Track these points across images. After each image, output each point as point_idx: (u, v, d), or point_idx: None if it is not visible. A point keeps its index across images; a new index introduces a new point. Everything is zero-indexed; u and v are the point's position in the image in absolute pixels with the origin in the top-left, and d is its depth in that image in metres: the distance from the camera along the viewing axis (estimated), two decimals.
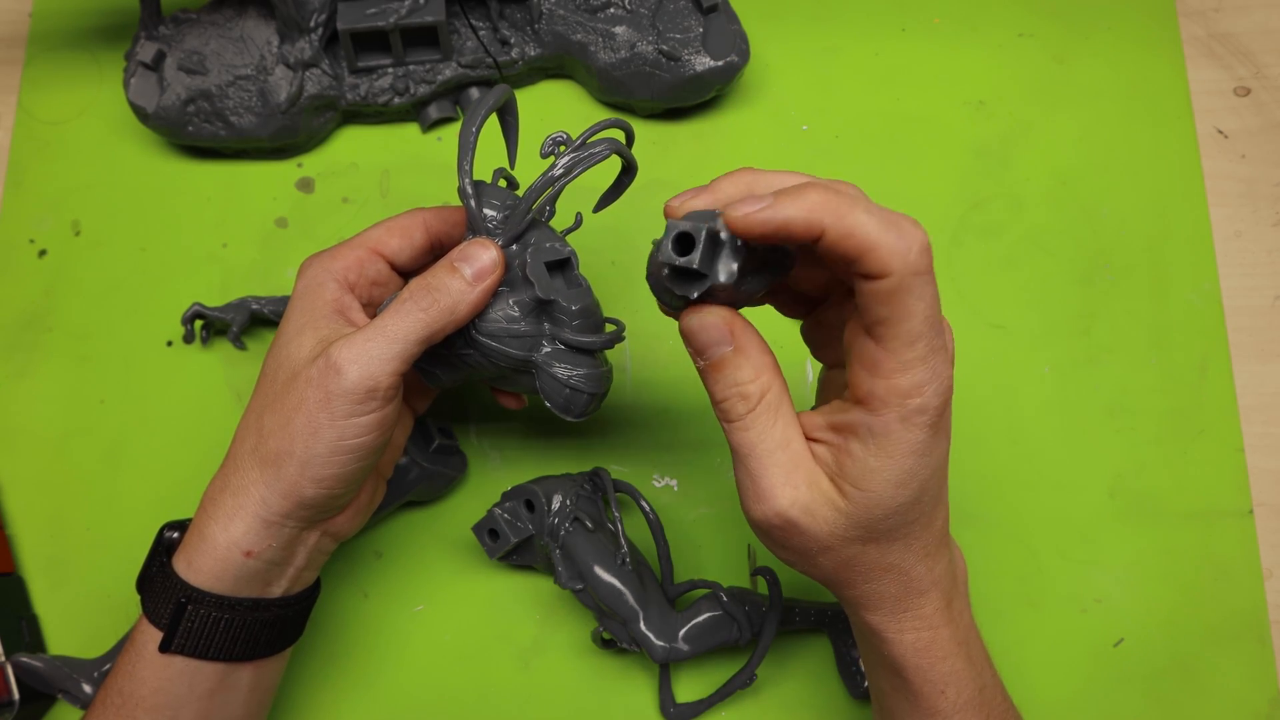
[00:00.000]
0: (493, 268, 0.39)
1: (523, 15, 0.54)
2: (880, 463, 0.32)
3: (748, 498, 0.34)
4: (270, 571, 0.39)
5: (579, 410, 0.42)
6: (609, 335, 0.42)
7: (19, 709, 0.46)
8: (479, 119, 0.40)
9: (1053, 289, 0.54)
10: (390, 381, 0.37)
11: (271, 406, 0.38)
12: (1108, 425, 0.52)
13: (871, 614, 0.36)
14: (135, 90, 0.53)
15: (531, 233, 0.41)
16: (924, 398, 0.31)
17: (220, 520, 0.38)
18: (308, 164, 0.56)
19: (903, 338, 0.30)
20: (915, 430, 0.32)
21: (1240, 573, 0.50)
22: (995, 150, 0.56)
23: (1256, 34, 0.58)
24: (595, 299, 0.42)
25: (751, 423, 0.34)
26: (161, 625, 0.38)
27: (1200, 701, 0.49)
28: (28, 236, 0.55)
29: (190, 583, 0.38)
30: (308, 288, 0.40)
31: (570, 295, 0.41)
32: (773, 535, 0.35)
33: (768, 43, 0.58)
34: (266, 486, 0.38)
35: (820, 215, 0.29)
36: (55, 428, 0.52)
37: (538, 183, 0.39)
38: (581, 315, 0.41)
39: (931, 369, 0.31)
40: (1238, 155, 0.56)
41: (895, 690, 0.37)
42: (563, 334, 0.41)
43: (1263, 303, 0.54)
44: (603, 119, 0.41)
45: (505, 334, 0.41)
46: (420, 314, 0.38)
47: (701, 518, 0.51)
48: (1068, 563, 0.51)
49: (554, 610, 0.50)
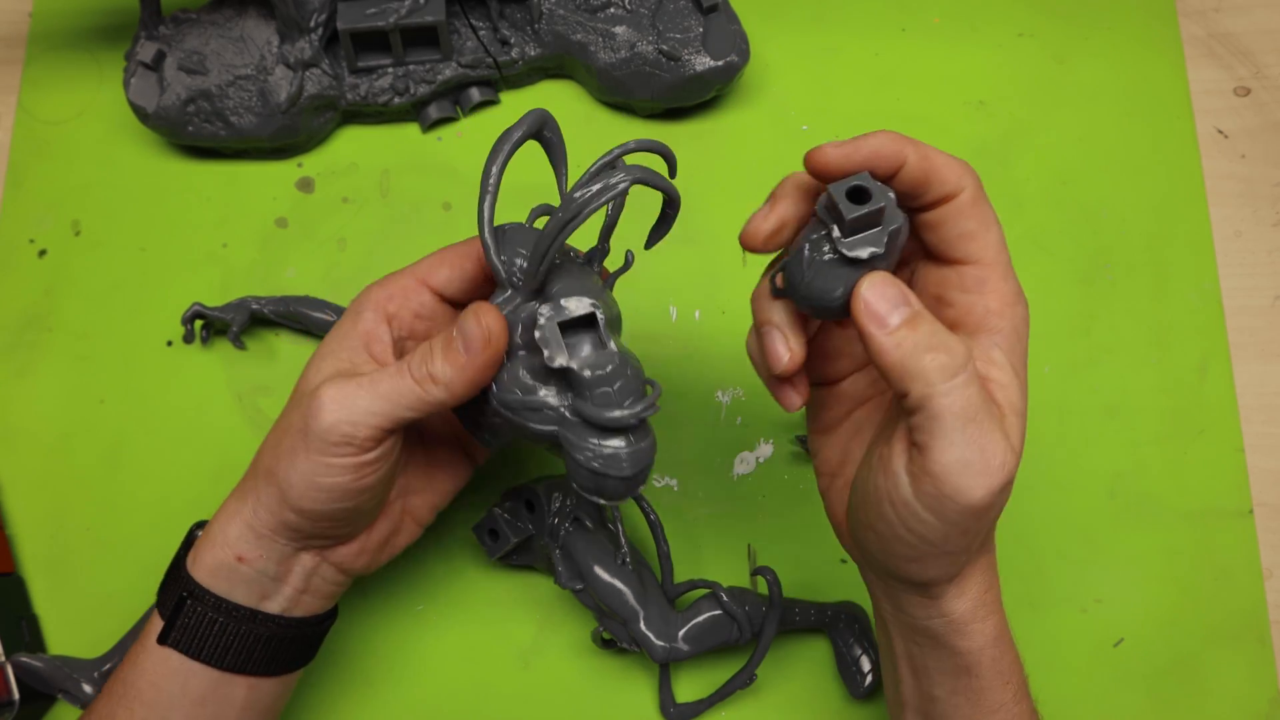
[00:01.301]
0: (484, 343, 0.35)
1: (523, 15, 0.54)
2: (1010, 378, 0.33)
3: (969, 474, 0.31)
4: (264, 583, 0.39)
5: (612, 494, 0.36)
6: (634, 410, 0.34)
7: (19, 709, 0.46)
8: (503, 157, 0.35)
9: (1053, 289, 0.54)
10: (368, 434, 0.35)
11: (278, 422, 0.38)
12: (1108, 425, 0.52)
13: (961, 600, 0.35)
14: (135, 90, 0.53)
15: (558, 281, 0.36)
16: (1025, 304, 0.34)
17: (223, 519, 0.38)
18: (308, 164, 0.56)
19: (994, 245, 0.34)
20: (1025, 332, 0.34)
21: (1240, 573, 0.50)
22: (995, 150, 0.56)
23: (1256, 34, 0.58)
24: (628, 361, 0.35)
25: (970, 379, 0.31)
26: (165, 616, 0.38)
27: (1200, 701, 0.49)
28: (28, 236, 0.55)
29: (194, 577, 0.38)
30: (350, 313, 0.39)
31: (591, 360, 0.34)
32: (993, 512, 0.32)
33: (768, 43, 0.58)
34: (257, 498, 0.38)
35: (901, 144, 0.33)
36: (55, 428, 0.52)
37: (549, 227, 0.34)
38: (604, 383, 0.34)
39: (1016, 288, 0.34)
40: (1238, 155, 0.56)
41: (956, 693, 0.36)
42: (582, 407, 0.35)
43: (1263, 303, 0.54)
44: (631, 141, 0.36)
45: (521, 405, 0.36)
46: (412, 384, 0.36)
47: (701, 518, 0.51)
48: (1068, 563, 0.51)
49: (554, 610, 0.50)
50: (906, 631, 0.37)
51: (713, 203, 0.55)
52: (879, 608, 0.38)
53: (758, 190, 0.56)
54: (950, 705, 0.36)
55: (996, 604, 0.36)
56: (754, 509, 0.51)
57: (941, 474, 0.31)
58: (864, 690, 0.47)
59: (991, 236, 0.34)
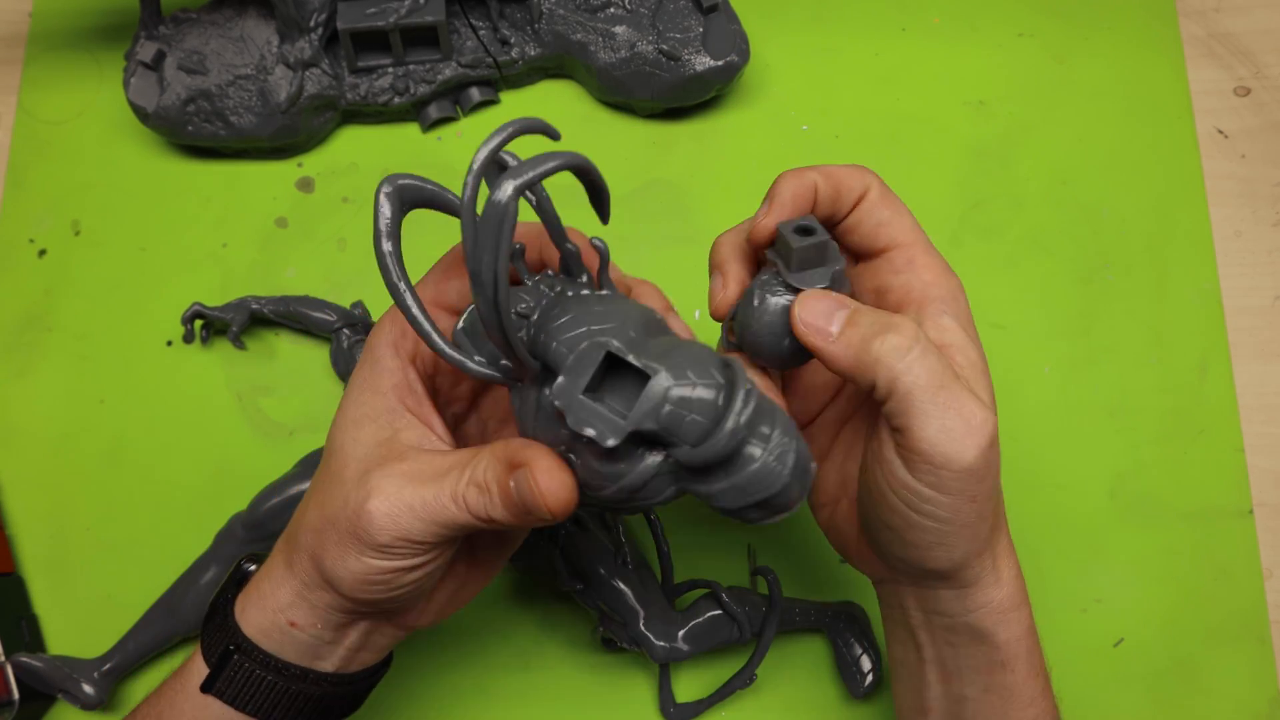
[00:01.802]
0: (548, 512, 0.30)
1: (523, 15, 0.54)
2: (964, 339, 0.34)
3: (954, 440, 0.31)
4: (319, 646, 0.35)
5: (790, 503, 0.29)
6: (739, 415, 0.27)
7: (19, 709, 0.46)
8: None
9: (1053, 289, 0.54)
10: (428, 541, 0.32)
11: (318, 495, 0.34)
12: (1108, 425, 0.52)
13: (999, 587, 0.35)
14: (135, 90, 0.53)
15: (551, 340, 0.29)
16: (955, 275, 0.36)
17: (272, 581, 0.35)
18: (308, 164, 0.56)
19: (910, 227, 0.36)
20: (965, 299, 0.36)
21: (1240, 573, 0.50)
22: (995, 150, 0.56)
23: (1256, 34, 0.58)
24: (684, 368, 0.28)
25: (925, 350, 0.31)
26: (210, 663, 0.35)
27: (1200, 701, 0.49)
28: (28, 236, 0.55)
29: (242, 629, 0.35)
30: (368, 360, 0.35)
31: (648, 404, 0.27)
32: (990, 471, 0.32)
33: (768, 43, 0.58)
34: (307, 577, 0.34)
35: (802, 175, 0.35)
36: (55, 428, 0.52)
37: (481, 304, 0.27)
38: (682, 418, 0.27)
39: (942, 261, 0.36)
40: (1238, 155, 0.56)
41: (989, 690, 0.36)
42: (686, 456, 0.28)
43: (1263, 303, 0.54)
44: (483, 147, 0.27)
45: (625, 494, 0.29)
46: (471, 519, 0.31)
47: (701, 518, 0.51)
48: (1068, 563, 0.51)
49: (554, 610, 0.50)
50: (941, 634, 0.37)
51: (713, 203, 0.55)
52: (906, 618, 0.38)
53: (758, 190, 0.56)
54: (983, 704, 0.36)
55: (1026, 592, 0.36)
56: None
57: (928, 448, 0.31)
58: (864, 690, 0.47)
59: (906, 220, 0.36)
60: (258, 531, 0.47)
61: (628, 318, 0.29)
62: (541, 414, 0.29)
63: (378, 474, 0.32)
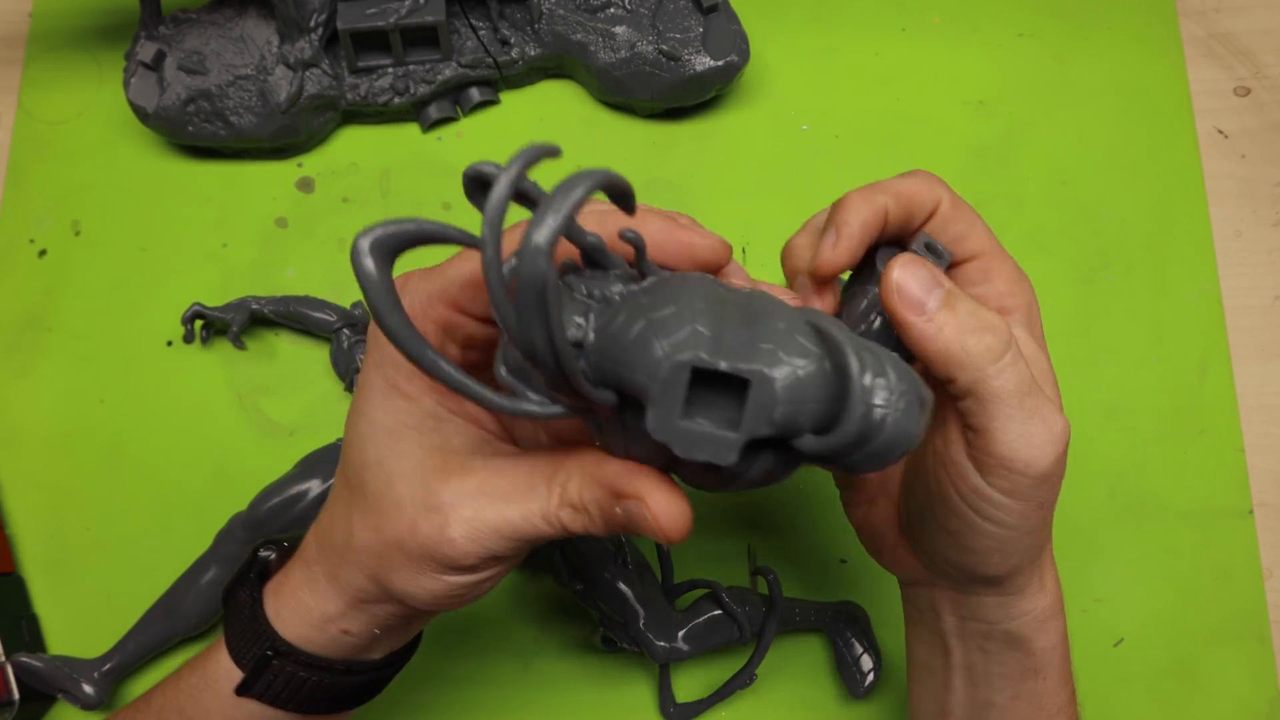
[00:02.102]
0: (685, 534, 0.28)
1: (523, 15, 0.54)
2: (1037, 350, 0.34)
3: (1035, 446, 0.30)
4: (370, 644, 0.34)
5: (905, 454, 0.25)
6: (857, 421, 0.24)
7: (19, 709, 0.46)
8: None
9: (1053, 289, 0.54)
10: (512, 552, 0.30)
11: (366, 517, 0.31)
12: (1108, 425, 0.52)
13: (1043, 595, 0.35)
14: (135, 90, 0.53)
15: (626, 358, 0.24)
16: (1028, 280, 0.36)
17: (317, 593, 0.33)
18: (308, 164, 0.56)
19: (985, 235, 0.34)
20: (1037, 305, 0.36)
21: (1240, 573, 0.50)
22: (995, 150, 0.56)
23: (1256, 34, 0.58)
24: (775, 335, 0.25)
25: (1016, 356, 0.30)
26: (244, 666, 0.34)
27: (1200, 701, 0.49)
28: (28, 236, 0.55)
29: (280, 634, 0.33)
30: (386, 362, 0.30)
31: (760, 401, 0.24)
32: (1059, 478, 0.32)
33: (768, 43, 0.58)
34: (364, 590, 0.32)
35: (871, 196, 0.33)
36: (55, 428, 0.52)
37: (526, 324, 0.22)
38: (789, 418, 0.24)
39: (1016, 267, 0.35)
40: (1238, 155, 0.56)
41: (1019, 697, 0.36)
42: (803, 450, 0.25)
43: (1263, 303, 0.54)
44: (511, 165, 0.22)
45: (725, 491, 0.27)
46: (555, 530, 0.30)
47: (702, 518, 0.51)
48: (1068, 563, 0.50)
49: (554, 610, 0.50)
50: (975, 640, 0.36)
51: (713, 203, 0.55)
52: (938, 622, 0.37)
53: (758, 190, 0.56)
54: (1011, 711, 0.36)
55: (1062, 600, 0.36)
56: (754, 509, 0.51)
57: (1008, 453, 0.31)
58: (864, 690, 0.47)
59: (979, 228, 0.35)
60: (258, 531, 0.47)
61: (693, 309, 0.24)
62: (632, 435, 0.26)
63: (447, 494, 0.29)
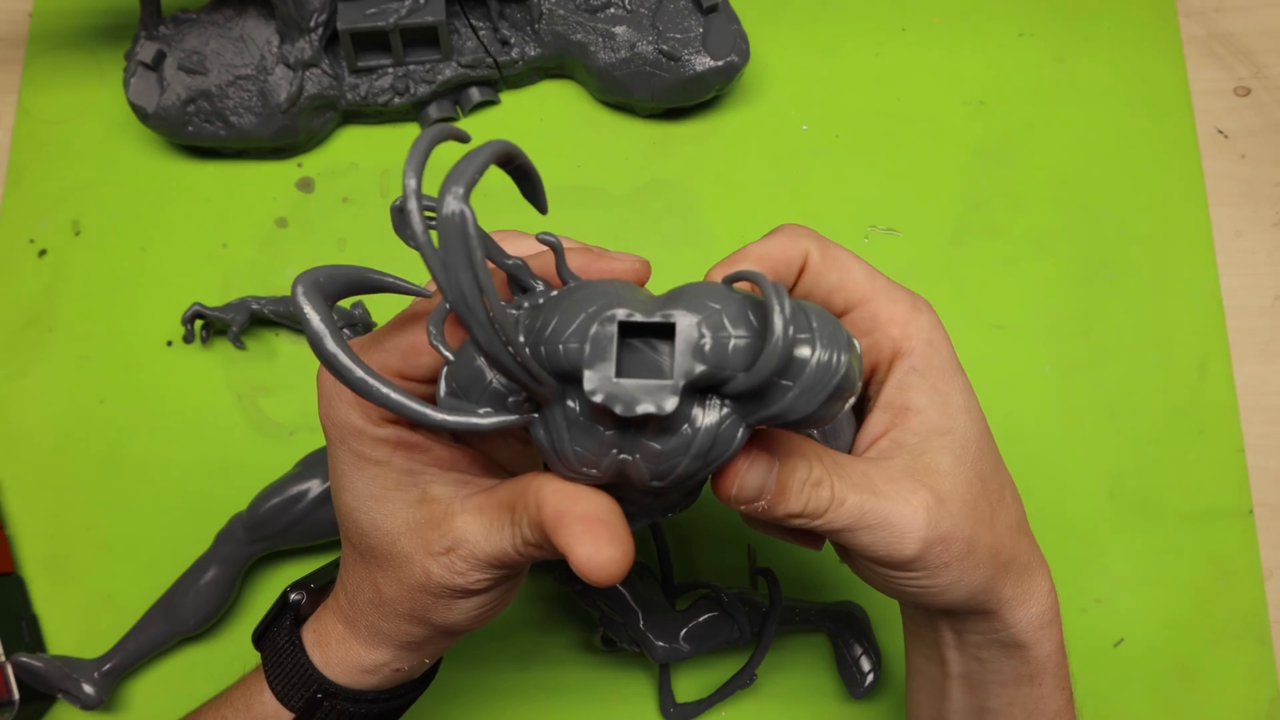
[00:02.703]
0: (612, 580, 0.27)
1: (523, 15, 0.54)
2: (929, 398, 0.32)
3: (889, 549, 0.31)
4: (417, 670, 0.36)
5: (850, 394, 0.27)
6: (780, 344, 0.24)
7: (19, 709, 0.46)
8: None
9: (1053, 289, 0.54)
10: (520, 564, 0.31)
11: (380, 574, 0.32)
12: (1108, 425, 0.52)
13: (1025, 609, 0.34)
14: (135, 90, 0.53)
15: (555, 336, 0.26)
16: (925, 307, 0.33)
17: (365, 646, 0.34)
18: (308, 164, 0.56)
19: (863, 279, 0.33)
20: (938, 334, 0.33)
21: (1240, 573, 0.50)
22: (995, 150, 0.56)
23: (1257, 34, 0.58)
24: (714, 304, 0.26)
25: (842, 496, 0.30)
26: (292, 707, 0.35)
27: (1200, 701, 0.49)
28: (28, 236, 0.55)
29: (328, 677, 0.34)
30: (347, 438, 0.31)
31: (682, 354, 0.25)
32: (931, 559, 0.31)
33: (768, 43, 0.58)
34: (410, 634, 0.33)
35: (727, 269, 0.33)
36: (55, 428, 0.52)
37: (473, 324, 0.24)
38: (718, 353, 0.25)
39: (907, 300, 0.33)
40: (1238, 155, 0.56)
41: (1014, 704, 0.36)
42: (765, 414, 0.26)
43: (1263, 303, 0.54)
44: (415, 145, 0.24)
45: (685, 472, 0.27)
46: (530, 559, 0.30)
47: (701, 517, 0.51)
48: (1068, 563, 0.51)
49: (554, 610, 0.50)
50: (970, 649, 0.36)
51: (713, 203, 0.55)
52: (936, 635, 0.37)
53: (758, 190, 0.56)
54: (1006, 716, 0.36)
55: (1058, 607, 0.36)
56: None
57: (870, 556, 0.31)
58: (864, 690, 0.47)
59: (856, 273, 0.33)
60: (257, 532, 0.47)
61: (617, 296, 0.26)
62: (576, 429, 0.27)
63: (443, 540, 0.30)
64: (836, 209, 0.55)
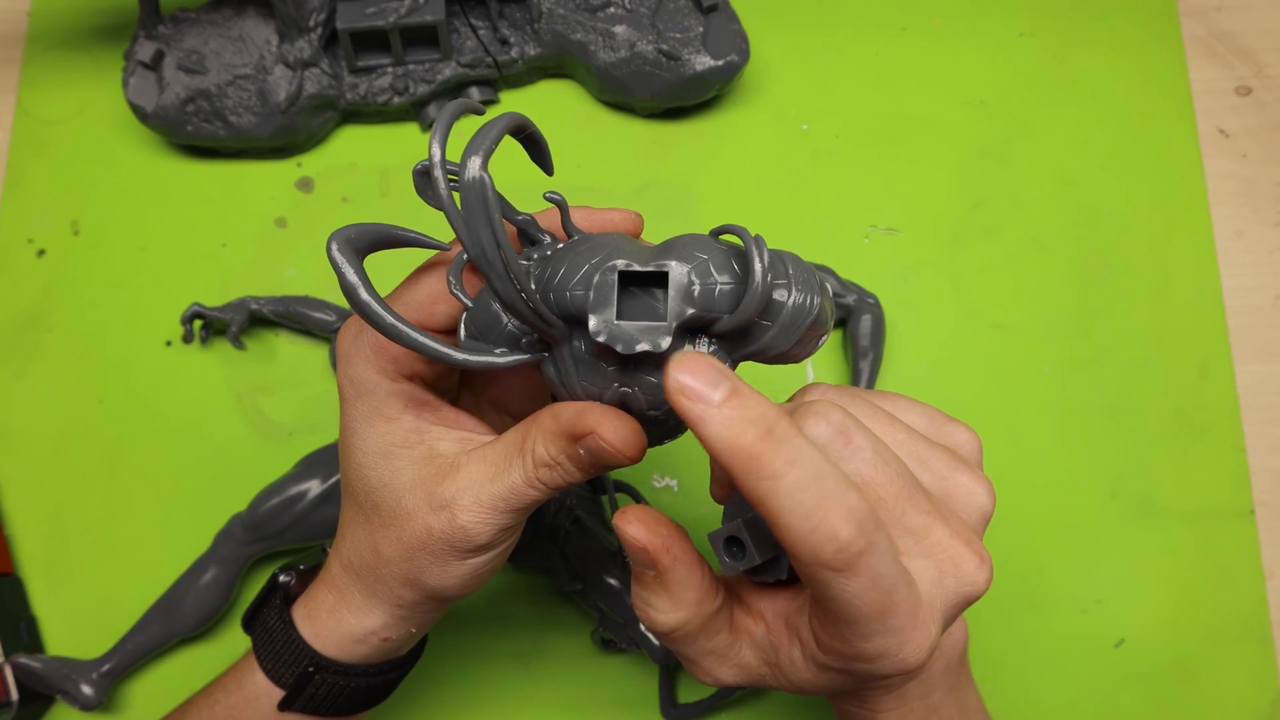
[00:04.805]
0: (640, 451, 0.30)
1: (523, 15, 0.54)
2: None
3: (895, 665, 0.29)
4: (405, 643, 0.37)
5: (824, 330, 0.31)
6: (760, 288, 0.27)
7: (18, 710, 0.46)
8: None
9: (1053, 289, 0.54)
10: (516, 520, 0.33)
11: (383, 532, 0.34)
12: (1108, 425, 0.52)
13: (892, 715, 0.34)
14: (134, 90, 0.53)
15: (562, 283, 0.29)
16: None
17: (355, 609, 0.35)
18: (307, 164, 0.56)
19: None
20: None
21: (1241, 573, 0.50)
22: (995, 150, 0.56)
23: (1258, 33, 0.58)
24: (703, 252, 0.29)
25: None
26: (284, 685, 0.36)
27: (1201, 702, 0.49)
28: (27, 236, 0.55)
29: (319, 651, 0.36)
30: (360, 395, 0.33)
31: (675, 298, 0.28)
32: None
33: (768, 42, 0.58)
34: (403, 597, 0.34)
35: None
36: (55, 428, 0.52)
37: (486, 267, 0.27)
38: (706, 297, 0.28)
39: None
40: (1239, 155, 0.56)
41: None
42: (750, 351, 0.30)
43: (1263, 303, 0.54)
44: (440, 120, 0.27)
45: None
46: (541, 491, 0.32)
47: (701, 517, 0.51)
48: (1068, 563, 0.50)
49: (554, 610, 0.50)
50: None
51: (713, 203, 0.55)
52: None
53: (758, 190, 0.56)
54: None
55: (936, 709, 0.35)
56: None
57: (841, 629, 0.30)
58: None
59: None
60: (257, 532, 0.47)
61: (618, 247, 0.29)
62: (581, 366, 0.30)
63: (446, 492, 0.32)
64: (837, 209, 0.55)
